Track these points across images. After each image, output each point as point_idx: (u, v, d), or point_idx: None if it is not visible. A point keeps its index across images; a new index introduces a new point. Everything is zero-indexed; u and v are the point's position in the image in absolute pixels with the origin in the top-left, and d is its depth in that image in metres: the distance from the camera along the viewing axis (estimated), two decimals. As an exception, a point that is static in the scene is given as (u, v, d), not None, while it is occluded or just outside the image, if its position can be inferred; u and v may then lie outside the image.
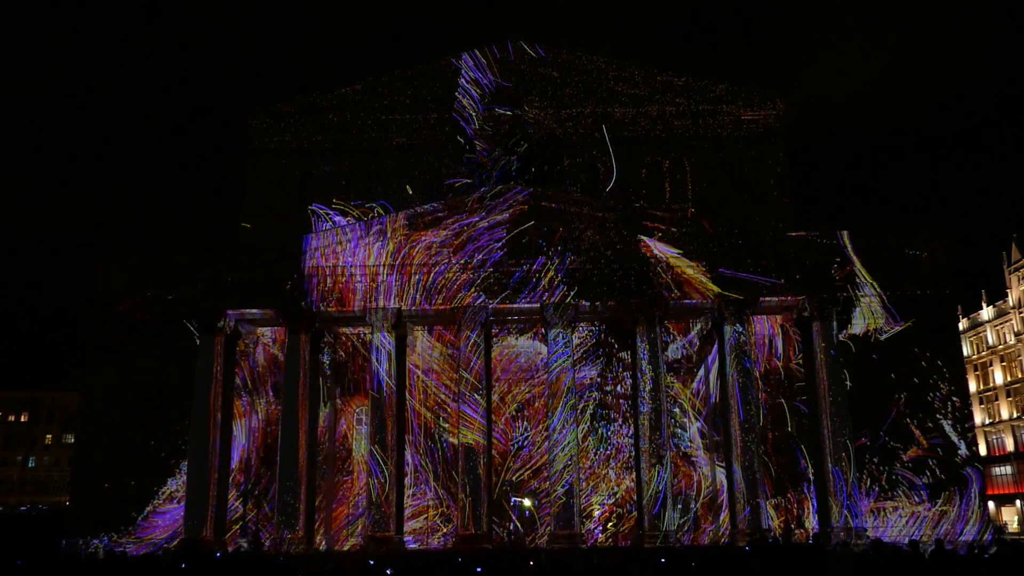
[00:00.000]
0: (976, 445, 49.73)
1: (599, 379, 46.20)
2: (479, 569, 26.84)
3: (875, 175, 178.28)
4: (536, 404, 45.91)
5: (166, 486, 45.47)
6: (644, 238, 41.85)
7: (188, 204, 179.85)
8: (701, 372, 46.36)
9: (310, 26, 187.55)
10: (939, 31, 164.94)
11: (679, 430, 45.30)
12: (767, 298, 42.02)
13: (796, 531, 42.32)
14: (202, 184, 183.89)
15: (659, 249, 41.65)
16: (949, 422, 44.83)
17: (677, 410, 45.19)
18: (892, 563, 26.01)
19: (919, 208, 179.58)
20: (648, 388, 41.35)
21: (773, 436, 44.29)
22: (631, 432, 43.89)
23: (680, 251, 41.65)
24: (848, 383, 42.30)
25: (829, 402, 41.48)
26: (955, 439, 44.67)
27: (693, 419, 46.05)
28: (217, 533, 41.74)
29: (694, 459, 45.38)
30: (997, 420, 75.31)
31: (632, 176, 49.89)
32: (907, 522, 43.05)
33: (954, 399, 45.38)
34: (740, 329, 42.00)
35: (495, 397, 45.00)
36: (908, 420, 44.75)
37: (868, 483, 43.32)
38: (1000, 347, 75.67)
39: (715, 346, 44.19)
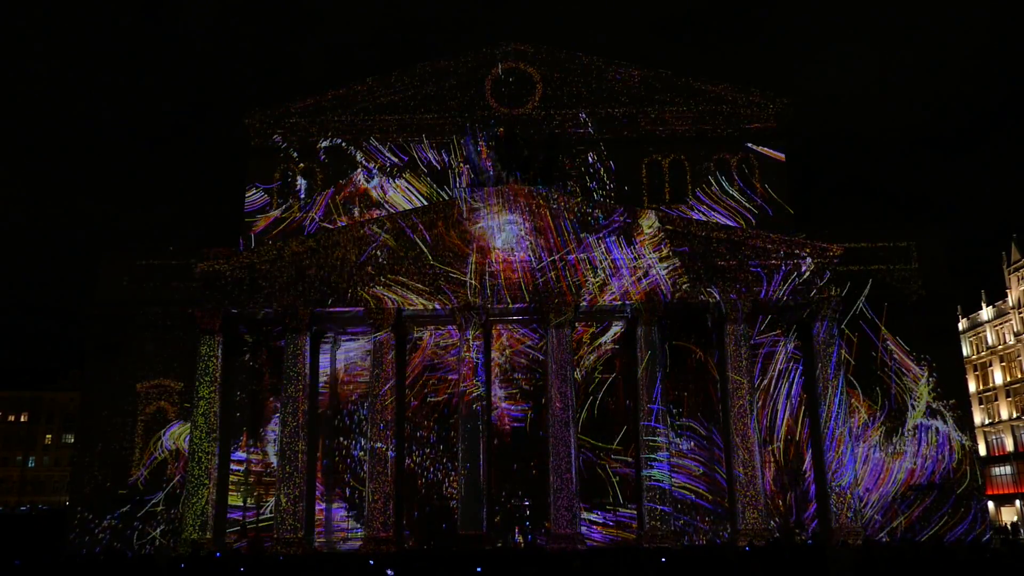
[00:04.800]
0: (976, 445, 49.75)
1: (599, 376, 46.19)
2: (479, 569, 26.96)
3: (875, 175, 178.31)
4: (534, 401, 45.99)
5: (166, 486, 45.52)
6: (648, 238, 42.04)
7: (188, 204, 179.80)
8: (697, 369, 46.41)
9: (310, 26, 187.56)
10: (939, 31, 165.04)
11: (680, 429, 45.32)
12: (769, 298, 42.04)
13: (796, 531, 42.37)
14: (202, 184, 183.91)
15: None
16: (949, 422, 44.87)
17: (677, 409, 45.22)
18: (892, 563, 26.06)
19: (919, 208, 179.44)
20: (648, 387, 41.38)
21: (774, 436, 44.34)
22: (632, 431, 43.89)
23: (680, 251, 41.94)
24: (847, 383, 42.38)
25: (828, 402, 41.48)
26: (955, 439, 44.71)
27: (694, 418, 46.10)
28: (217, 533, 41.72)
29: (695, 458, 45.38)
30: (997, 420, 75.28)
31: (632, 176, 49.86)
32: (907, 521, 43.07)
33: (954, 399, 45.45)
34: (741, 330, 42.03)
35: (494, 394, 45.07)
36: (908, 419, 44.80)
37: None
38: (1000, 347, 75.66)
39: (717, 345, 44.29)
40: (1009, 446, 73.89)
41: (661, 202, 49.17)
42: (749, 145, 50.23)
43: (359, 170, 50.60)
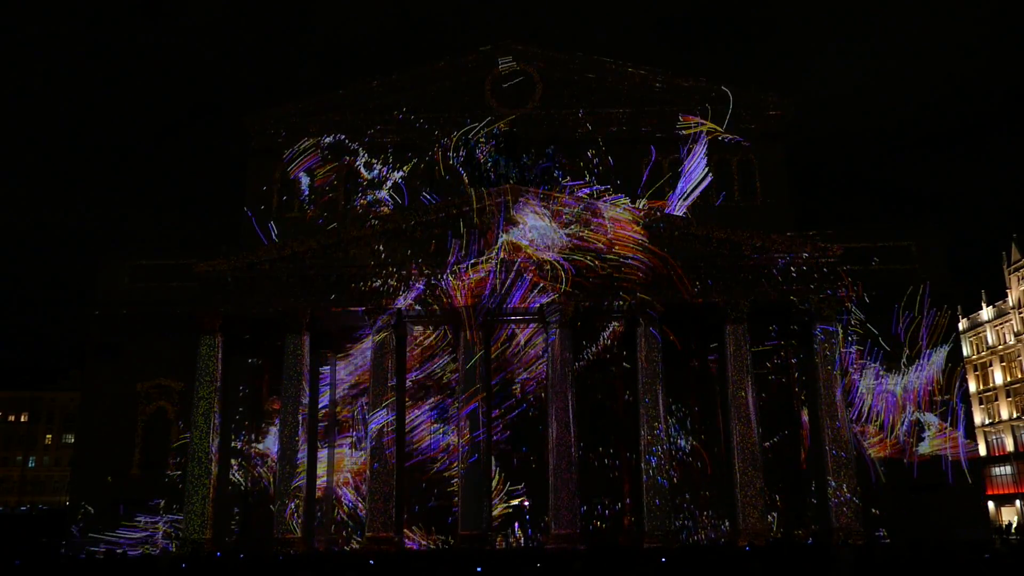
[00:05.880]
0: (976, 445, 49.74)
1: (599, 376, 46.19)
2: (479, 569, 26.98)
3: (875, 174, 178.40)
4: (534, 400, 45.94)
5: (166, 486, 45.50)
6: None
7: (188, 204, 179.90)
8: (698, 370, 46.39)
9: (310, 26, 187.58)
10: (939, 30, 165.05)
11: (679, 428, 45.31)
12: (769, 298, 42.06)
13: (796, 531, 42.33)
14: (202, 184, 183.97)
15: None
16: (949, 421, 44.86)
17: (677, 408, 45.23)
18: (893, 562, 26.06)
19: (919, 207, 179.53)
20: (648, 386, 41.38)
21: (774, 436, 44.35)
22: (631, 430, 43.88)
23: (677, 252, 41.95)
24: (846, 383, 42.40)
25: (827, 403, 41.46)
26: (955, 438, 44.69)
27: (693, 417, 46.10)
28: (217, 533, 41.73)
29: (694, 457, 45.37)
30: (997, 420, 75.28)
31: (632, 175, 49.85)
32: (907, 521, 43.05)
33: (953, 398, 45.44)
34: (741, 329, 42.04)
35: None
36: (908, 419, 44.78)
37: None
38: (1000, 347, 75.65)
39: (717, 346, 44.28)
40: (1009, 446, 73.89)
41: (661, 202, 49.16)
42: (749, 145, 50.22)
43: (359, 170, 50.63)
